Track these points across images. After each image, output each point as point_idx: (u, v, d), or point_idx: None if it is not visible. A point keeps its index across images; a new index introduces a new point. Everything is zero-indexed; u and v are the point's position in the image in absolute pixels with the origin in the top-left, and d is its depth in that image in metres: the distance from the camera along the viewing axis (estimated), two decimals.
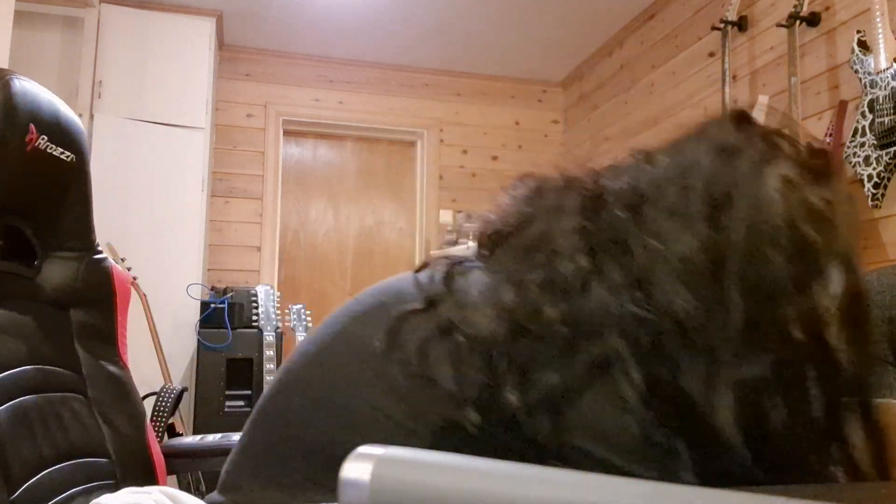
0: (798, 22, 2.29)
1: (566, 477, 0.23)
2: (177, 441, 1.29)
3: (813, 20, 2.30)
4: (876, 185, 1.88)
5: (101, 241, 1.13)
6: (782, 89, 2.42)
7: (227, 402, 2.96)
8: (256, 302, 2.91)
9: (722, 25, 2.65)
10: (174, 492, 0.80)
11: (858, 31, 1.98)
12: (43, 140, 0.94)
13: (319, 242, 3.95)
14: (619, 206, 0.48)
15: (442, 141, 4.07)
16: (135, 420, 1.08)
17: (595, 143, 3.84)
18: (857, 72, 1.96)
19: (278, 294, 3.06)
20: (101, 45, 3.10)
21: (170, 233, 3.07)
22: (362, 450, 0.24)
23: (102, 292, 1.09)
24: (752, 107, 2.54)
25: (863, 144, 1.91)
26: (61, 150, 0.98)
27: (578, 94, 4.07)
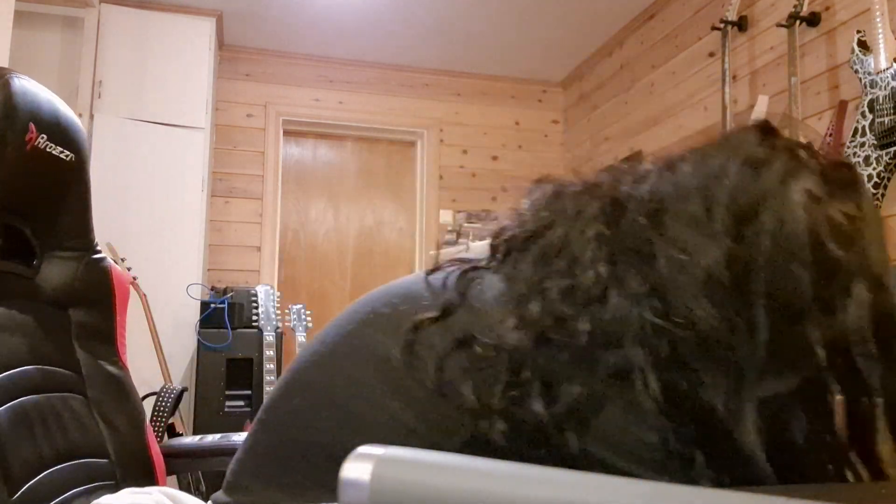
0: (798, 22, 2.29)
1: (566, 477, 0.23)
2: (176, 441, 1.29)
3: (813, 20, 2.30)
4: (876, 186, 1.88)
5: (101, 241, 1.13)
6: (782, 89, 2.42)
7: (227, 403, 2.96)
8: (256, 302, 2.91)
9: (722, 25, 2.65)
10: (174, 492, 0.80)
11: (858, 31, 1.98)
12: (43, 139, 0.93)
13: (319, 242, 3.95)
14: (640, 214, 0.48)
15: (442, 141, 4.07)
16: (134, 420, 1.08)
17: (595, 143, 3.84)
18: (857, 72, 1.96)
19: (278, 294, 3.06)
20: (101, 45, 3.10)
21: (170, 233, 3.07)
22: (362, 450, 0.24)
23: (101, 292, 1.09)
24: (751, 107, 2.54)
25: (863, 144, 1.91)
26: (61, 150, 0.98)
27: (578, 94, 4.07)
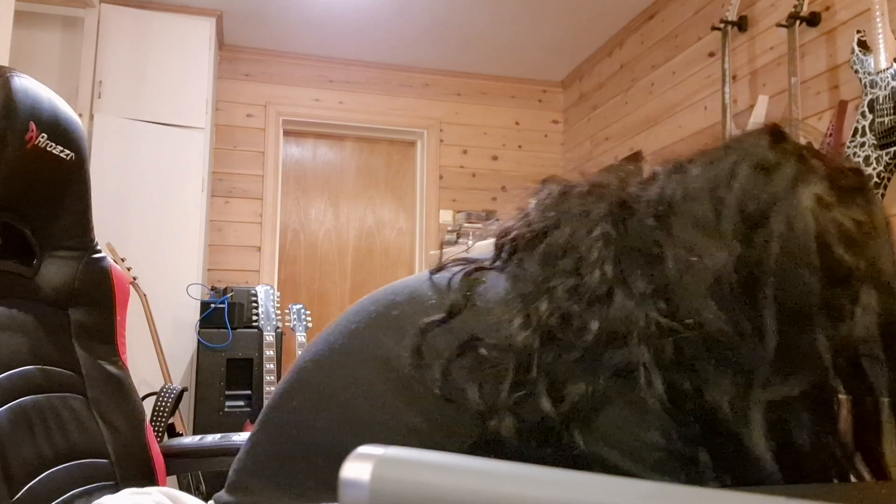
0: (798, 22, 2.29)
1: (566, 477, 0.23)
2: (176, 441, 1.29)
3: (813, 20, 2.30)
4: (876, 186, 1.88)
5: (100, 241, 1.12)
6: (782, 89, 2.42)
7: (227, 402, 2.96)
8: (256, 302, 2.91)
9: (722, 25, 2.65)
10: (175, 493, 0.80)
11: (858, 31, 1.98)
12: (43, 138, 0.93)
13: (319, 242, 3.95)
14: (648, 216, 0.48)
15: (442, 141, 4.07)
16: (134, 420, 1.08)
17: (595, 143, 3.84)
18: (857, 72, 1.96)
19: (278, 294, 3.06)
20: (101, 45, 3.10)
21: (170, 233, 3.07)
22: (362, 450, 0.24)
23: (101, 292, 1.08)
24: (751, 107, 2.54)
25: (863, 144, 1.91)
26: (61, 149, 0.97)
27: (578, 94, 4.07)
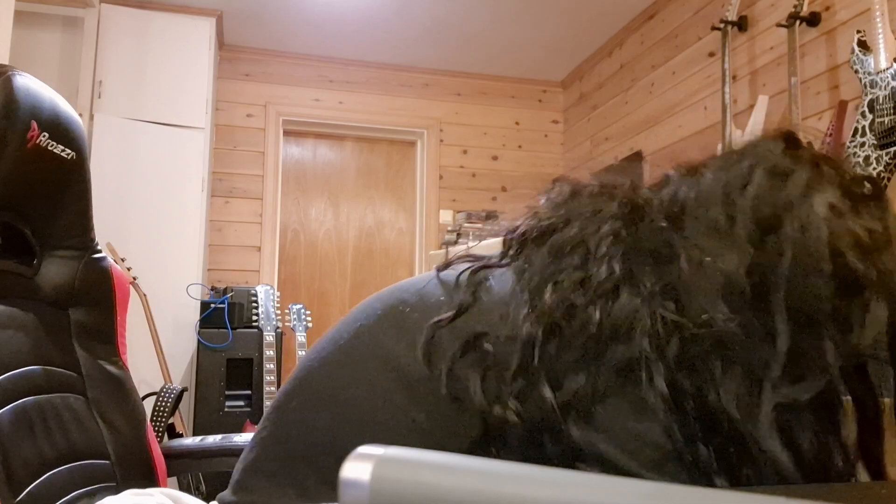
0: (798, 22, 2.29)
1: (566, 477, 0.23)
2: (177, 442, 1.29)
3: (813, 20, 2.30)
4: None
5: (100, 241, 1.12)
6: (782, 89, 2.42)
7: (227, 402, 2.96)
8: (256, 302, 2.91)
9: (722, 25, 2.65)
10: (177, 494, 0.80)
11: (858, 31, 1.98)
12: (44, 137, 0.93)
13: (319, 242, 3.95)
14: (659, 216, 0.49)
15: (442, 141, 4.07)
16: (134, 421, 1.08)
17: (595, 143, 3.84)
18: (857, 72, 1.96)
19: (278, 294, 3.06)
20: (101, 45, 3.10)
21: (170, 233, 3.07)
22: (362, 450, 0.24)
23: (102, 292, 1.08)
24: (751, 107, 2.54)
25: (863, 144, 1.91)
26: (62, 148, 0.97)
27: (578, 94, 4.07)
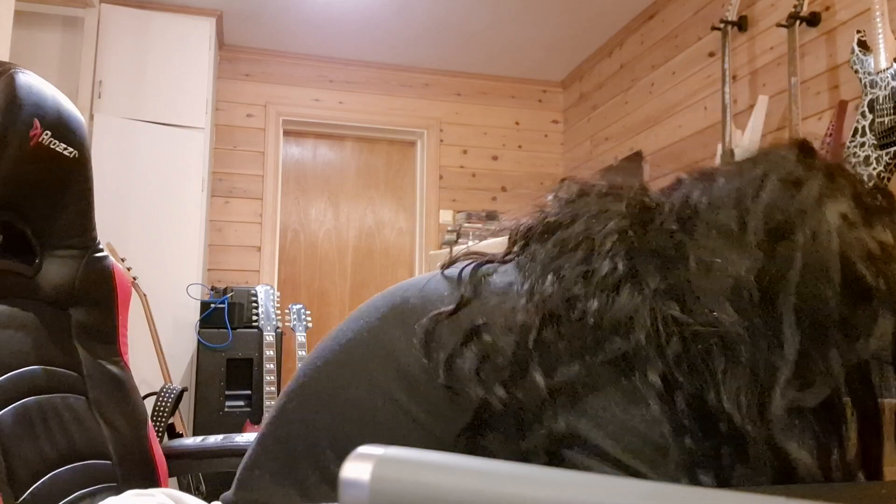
0: (798, 22, 2.29)
1: (566, 477, 0.23)
2: (178, 442, 1.29)
3: (813, 20, 2.30)
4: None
5: (101, 241, 1.12)
6: (782, 89, 2.42)
7: (227, 402, 2.96)
8: (256, 302, 2.91)
9: (722, 25, 2.65)
10: (178, 494, 0.80)
11: (858, 31, 1.98)
12: (47, 136, 0.93)
13: (319, 242, 3.95)
14: (670, 219, 0.49)
15: (442, 141, 4.07)
16: (136, 421, 1.07)
17: (595, 142, 3.84)
18: (857, 72, 1.96)
19: (278, 294, 3.06)
20: (101, 45, 3.10)
21: (170, 233, 3.07)
22: (362, 450, 0.24)
23: (103, 291, 1.08)
24: (751, 107, 2.54)
25: (863, 144, 1.91)
26: (64, 146, 0.97)
27: (578, 94, 4.07)
